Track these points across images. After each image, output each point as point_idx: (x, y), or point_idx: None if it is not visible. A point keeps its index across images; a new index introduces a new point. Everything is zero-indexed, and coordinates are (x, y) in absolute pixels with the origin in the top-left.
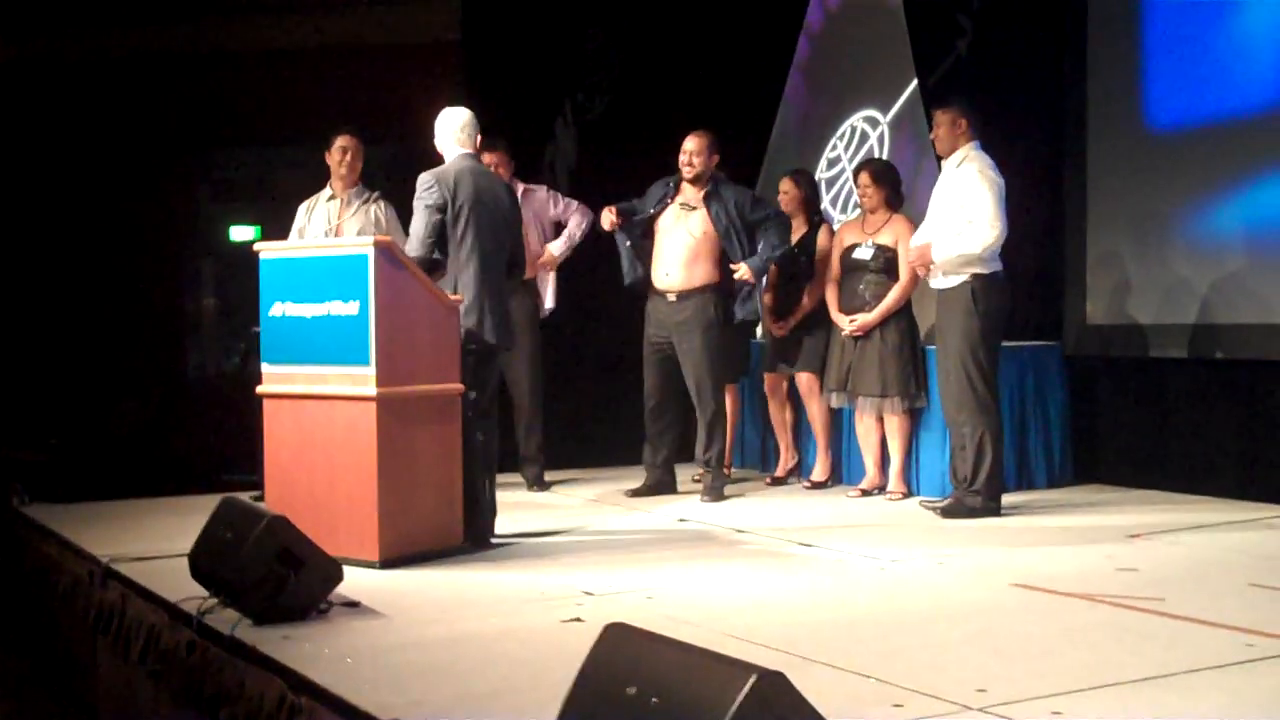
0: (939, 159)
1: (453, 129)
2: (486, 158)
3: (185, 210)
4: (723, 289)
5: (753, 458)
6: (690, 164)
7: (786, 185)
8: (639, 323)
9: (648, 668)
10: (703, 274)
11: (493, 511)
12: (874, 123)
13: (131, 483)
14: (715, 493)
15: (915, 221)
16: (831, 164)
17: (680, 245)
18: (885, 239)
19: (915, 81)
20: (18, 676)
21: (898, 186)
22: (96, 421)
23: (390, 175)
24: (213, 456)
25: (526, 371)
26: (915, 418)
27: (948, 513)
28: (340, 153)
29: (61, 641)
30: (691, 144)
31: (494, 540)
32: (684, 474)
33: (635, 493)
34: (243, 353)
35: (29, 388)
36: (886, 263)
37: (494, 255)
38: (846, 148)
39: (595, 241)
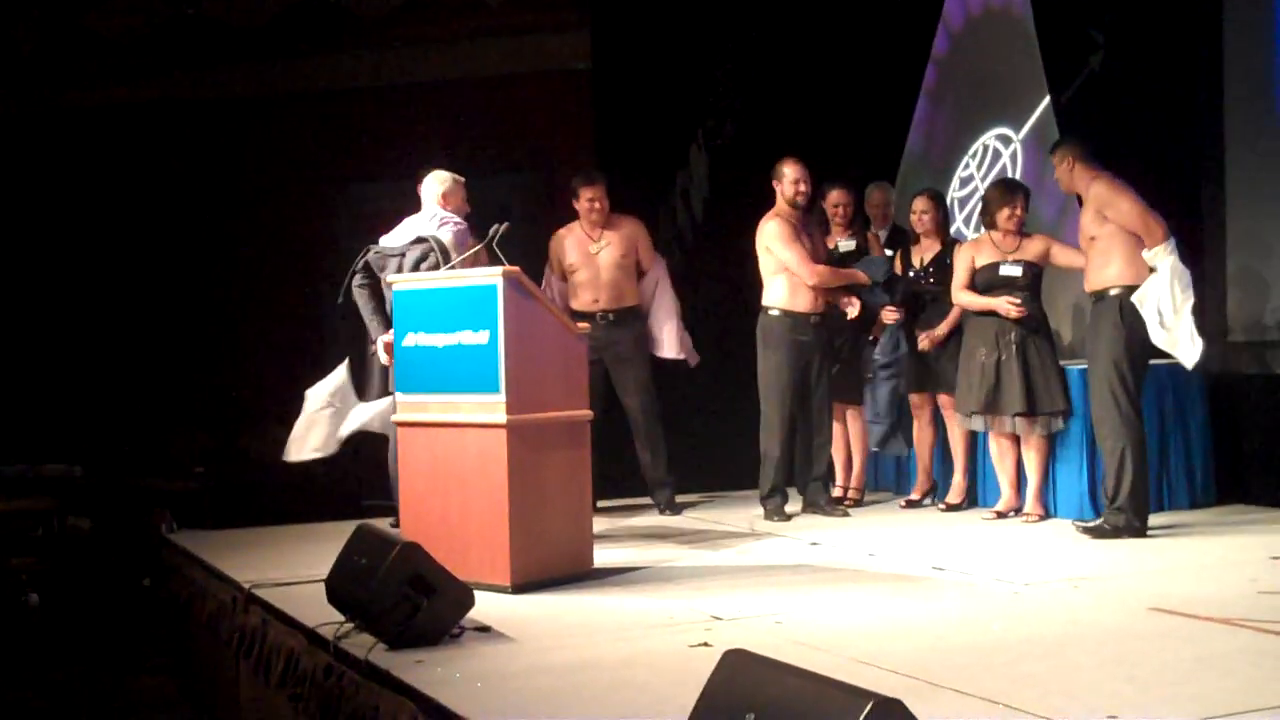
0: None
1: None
2: (585, 192)
3: (324, 243)
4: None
5: (887, 480)
6: (804, 193)
7: (925, 205)
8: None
9: (766, 694)
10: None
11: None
12: (1006, 140)
13: (274, 509)
14: (828, 505)
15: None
16: (964, 183)
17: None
18: (1029, 254)
19: (1048, 98)
20: (167, 697)
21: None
22: (240, 450)
23: (521, 203)
24: (352, 483)
25: (639, 395)
26: (1053, 438)
27: (1096, 533)
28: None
29: (207, 664)
30: (795, 172)
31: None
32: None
33: (770, 515)
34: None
35: (176, 418)
36: (1034, 279)
37: None
38: (979, 166)
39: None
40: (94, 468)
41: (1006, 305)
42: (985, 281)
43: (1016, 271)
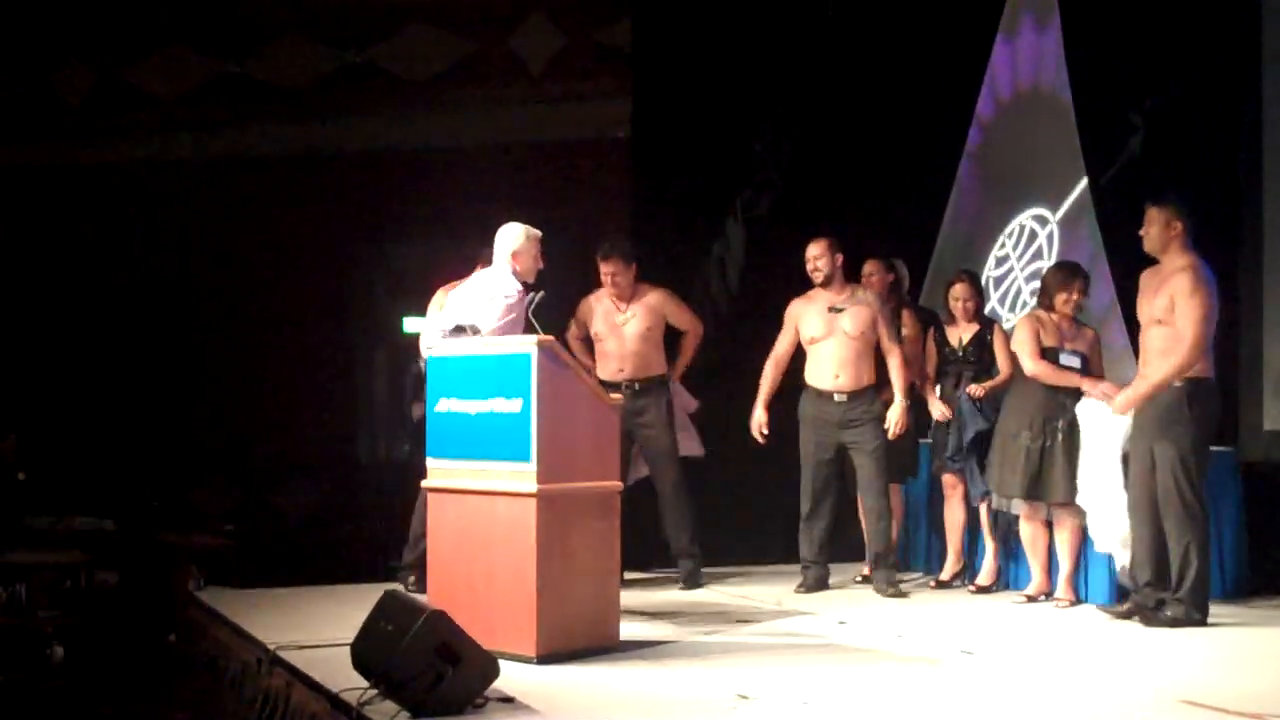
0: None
1: None
2: (602, 267)
3: (361, 301)
4: (880, 388)
5: (917, 559)
6: (816, 269)
7: (965, 292)
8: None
9: None
10: (869, 373)
11: None
12: (1043, 221)
13: (301, 569)
14: (893, 585)
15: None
16: (1000, 262)
17: (841, 347)
18: (1083, 345)
19: (1085, 179)
20: None
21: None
22: (270, 508)
23: (557, 270)
24: (379, 544)
25: (665, 466)
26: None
27: (1153, 621)
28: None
29: None
30: (813, 250)
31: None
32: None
33: (803, 588)
34: (409, 441)
35: (206, 474)
36: (1085, 371)
37: None
38: (1015, 246)
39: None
40: (124, 522)
41: (1103, 393)
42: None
43: (1075, 363)
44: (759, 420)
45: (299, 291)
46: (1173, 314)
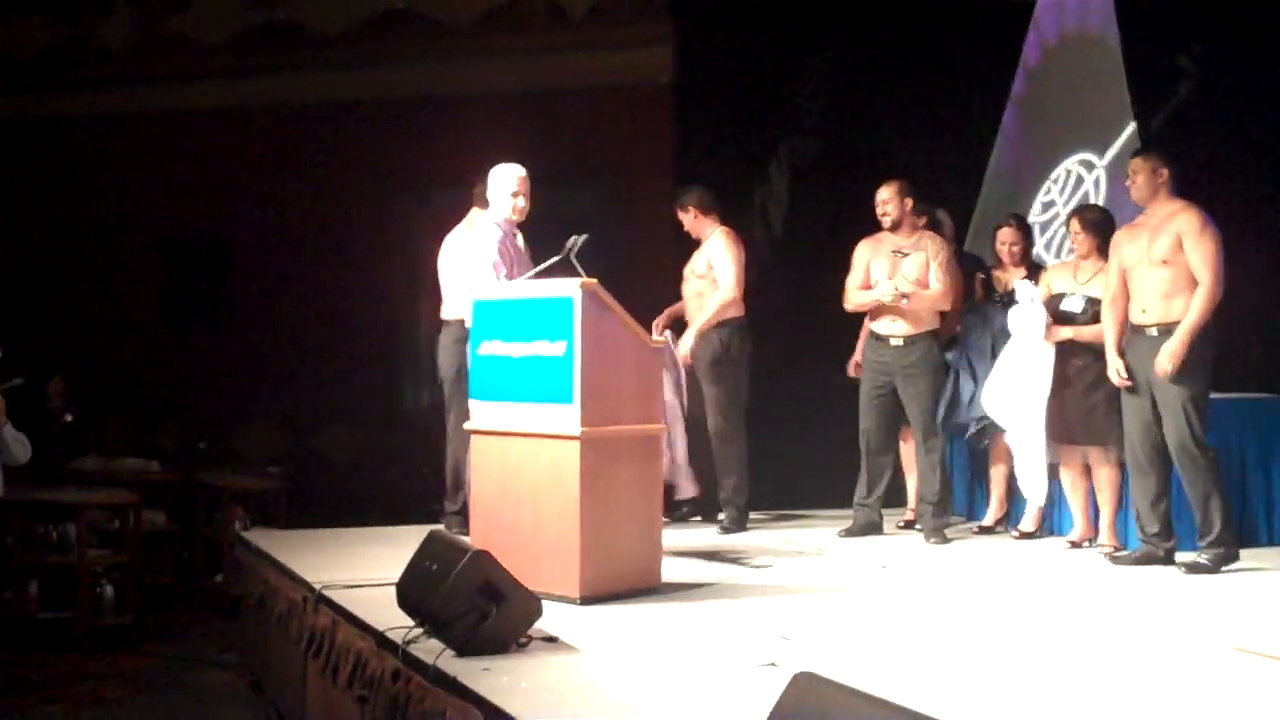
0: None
1: None
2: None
3: (400, 248)
4: (940, 334)
5: (960, 505)
6: (885, 213)
7: (1012, 236)
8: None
9: (835, 718)
10: (928, 318)
11: None
12: (1089, 166)
13: (345, 510)
14: (939, 534)
15: None
16: (1046, 207)
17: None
18: (1096, 290)
19: (1133, 124)
20: (235, 693)
21: (1110, 234)
22: (316, 451)
23: (601, 215)
24: (426, 487)
25: (711, 415)
26: (1123, 467)
27: (1196, 569)
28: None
29: (276, 662)
30: (883, 193)
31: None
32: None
33: (848, 532)
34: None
35: (252, 417)
36: (1095, 316)
37: None
38: (1061, 191)
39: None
40: (170, 464)
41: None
42: (1050, 313)
43: (1077, 308)
44: (856, 361)
45: (341, 238)
46: (1179, 254)
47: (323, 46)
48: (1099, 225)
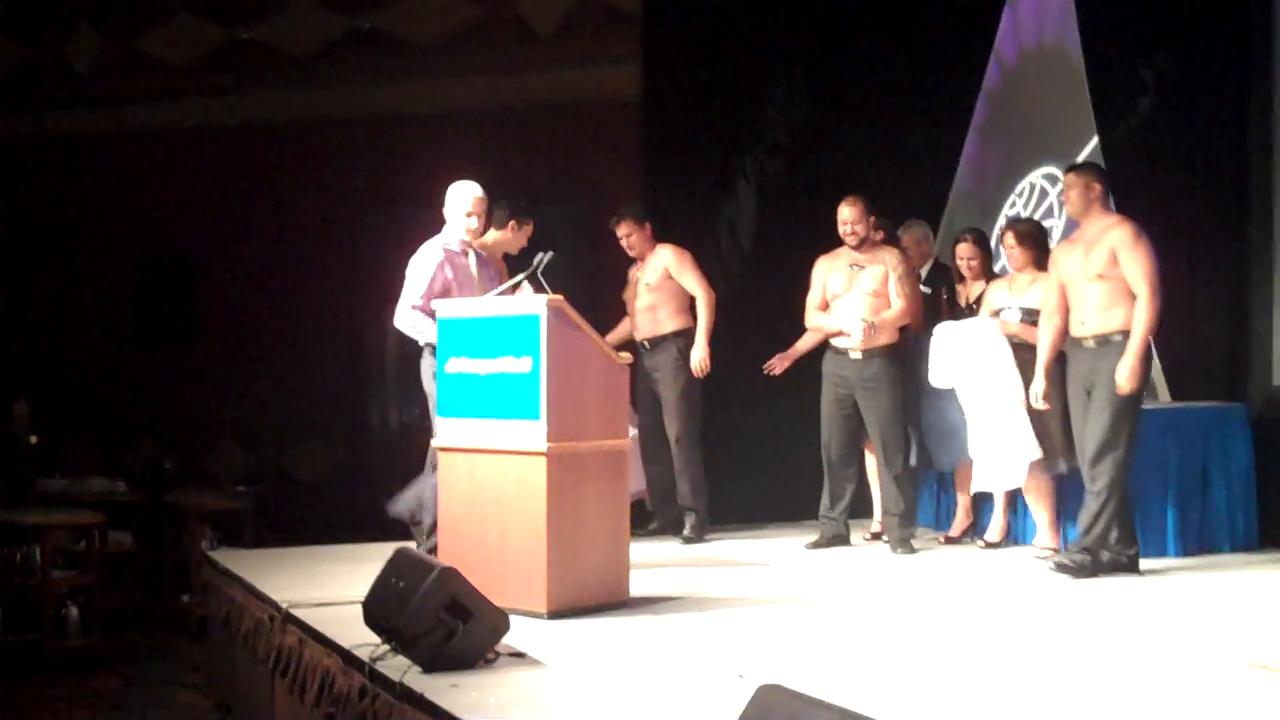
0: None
1: None
2: (616, 231)
3: (369, 265)
4: (900, 347)
5: (926, 516)
6: (854, 232)
7: (970, 251)
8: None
9: None
10: (887, 332)
11: None
12: (1053, 179)
13: (314, 529)
14: (906, 545)
15: None
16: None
17: (859, 305)
18: (1033, 302)
19: (1096, 137)
20: (202, 713)
21: (1046, 246)
22: (284, 470)
23: (568, 233)
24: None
25: (672, 421)
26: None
27: (1076, 572)
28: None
29: (243, 682)
30: (847, 212)
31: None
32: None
33: (815, 545)
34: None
35: (219, 436)
36: (1033, 325)
37: None
38: (1026, 205)
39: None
40: (137, 484)
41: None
42: None
43: (1014, 320)
44: (781, 359)
45: (310, 257)
46: (1114, 268)
47: (291, 66)
48: (1032, 237)
